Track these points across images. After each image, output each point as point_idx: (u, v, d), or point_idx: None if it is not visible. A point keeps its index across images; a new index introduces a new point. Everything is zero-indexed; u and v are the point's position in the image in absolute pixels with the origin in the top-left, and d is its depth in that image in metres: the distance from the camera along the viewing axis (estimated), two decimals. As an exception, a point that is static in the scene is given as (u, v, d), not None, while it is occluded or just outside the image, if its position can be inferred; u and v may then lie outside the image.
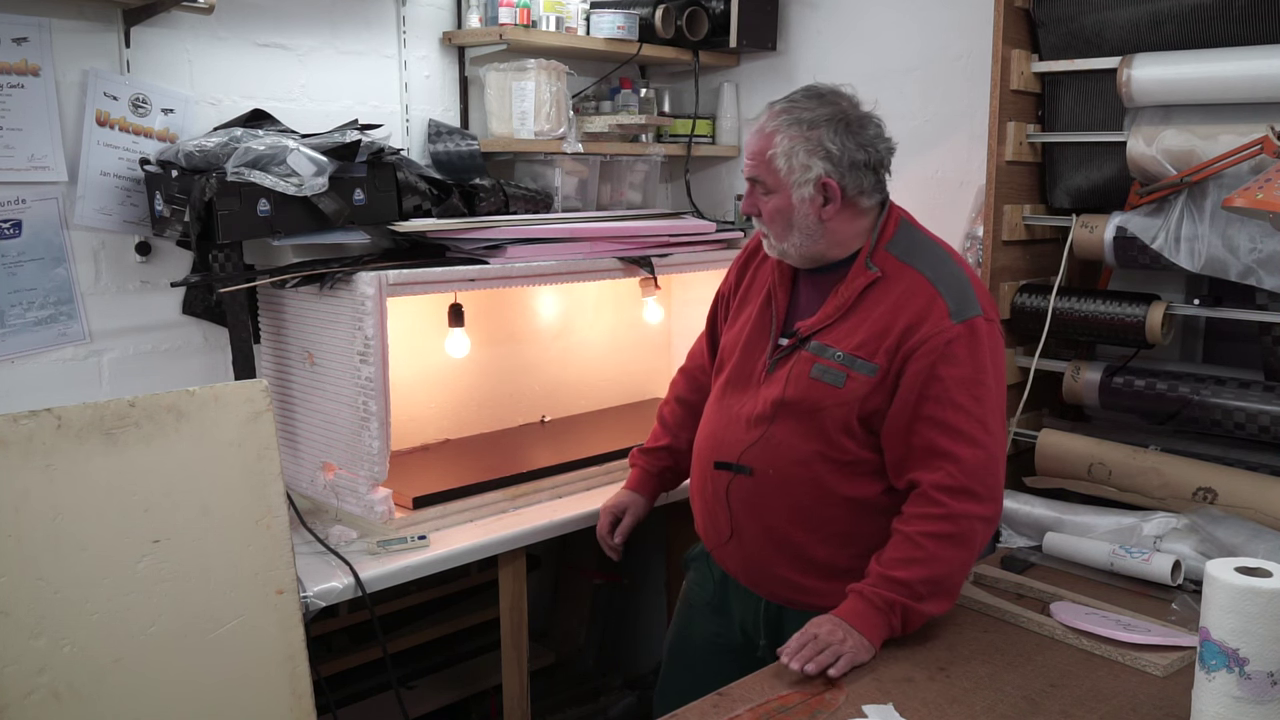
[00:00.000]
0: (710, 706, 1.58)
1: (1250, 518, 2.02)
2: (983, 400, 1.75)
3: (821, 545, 1.86)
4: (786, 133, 1.79)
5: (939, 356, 1.73)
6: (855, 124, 1.80)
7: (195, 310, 2.48)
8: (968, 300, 1.78)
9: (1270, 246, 2.00)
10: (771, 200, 1.83)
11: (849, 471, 1.83)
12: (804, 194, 1.80)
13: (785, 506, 1.87)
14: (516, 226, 2.56)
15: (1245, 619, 1.35)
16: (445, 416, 2.85)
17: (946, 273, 1.81)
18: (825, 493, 1.84)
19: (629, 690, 3.28)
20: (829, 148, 1.78)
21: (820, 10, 3.10)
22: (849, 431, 1.81)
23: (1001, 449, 1.81)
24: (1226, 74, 2.04)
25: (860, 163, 1.79)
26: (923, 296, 1.77)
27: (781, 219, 1.83)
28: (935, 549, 1.73)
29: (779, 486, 1.86)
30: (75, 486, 1.74)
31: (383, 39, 2.75)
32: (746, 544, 1.93)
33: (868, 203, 1.84)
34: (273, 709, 1.90)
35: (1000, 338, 1.83)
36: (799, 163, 1.78)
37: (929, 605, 1.74)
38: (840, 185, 1.79)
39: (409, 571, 2.18)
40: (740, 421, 1.92)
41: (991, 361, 1.78)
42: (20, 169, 2.19)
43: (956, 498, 1.73)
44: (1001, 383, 1.81)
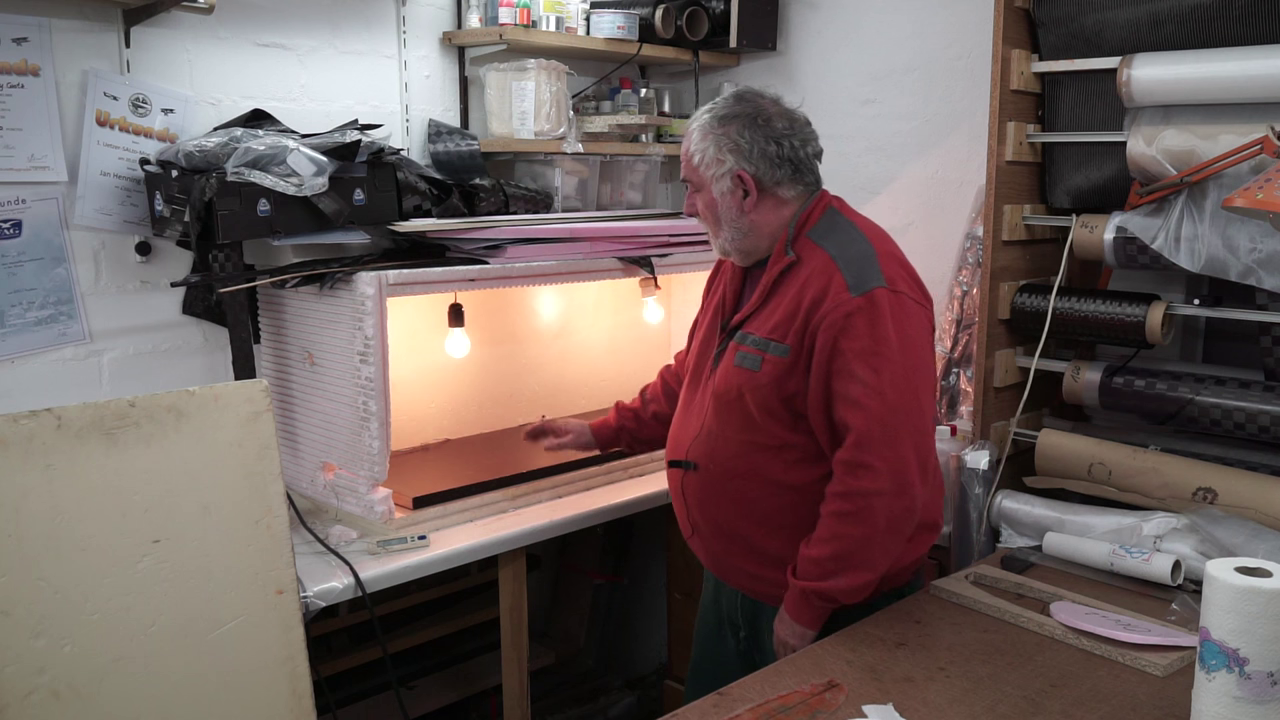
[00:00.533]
0: (710, 706, 1.58)
1: (1250, 518, 2.02)
2: (881, 371, 1.74)
3: (770, 537, 1.89)
4: (702, 131, 1.89)
5: (839, 330, 1.76)
6: (765, 120, 1.86)
7: (195, 310, 2.48)
8: (869, 273, 1.78)
9: (1270, 246, 2.00)
10: (700, 198, 1.93)
11: (784, 458, 1.86)
12: (723, 188, 1.88)
13: (731, 499, 1.92)
14: (516, 226, 2.55)
15: (1245, 619, 1.35)
16: (445, 416, 2.85)
17: (852, 249, 1.83)
18: (765, 483, 1.88)
19: (629, 690, 3.28)
20: (738, 141, 1.85)
21: (820, 10, 3.10)
22: (773, 415, 1.84)
23: (908, 421, 1.77)
24: (1226, 74, 2.04)
25: (773, 155, 1.86)
26: (825, 274, 1.80)
27: (711, 215, 1.92)
28: (836, 527, 1.77)
29: (722, 479, 1.92)
30: (75, 486, 1.73)
31: (383, 39, 2.75)
32: (706, 538, 1.99)
33: (788, 193, 1.89)
34: (273, 709, 1.90)
35: (912, 306, 1.81)
36: (713, 157, 1.87)
37: (837, 581, 1.77)
38: (755, 177, 1.86)
39: (409, 571, 2.18)
40: (689, 419, 1.99)
41: (896, 332, 1.76)
42: (20, 169, 2.19)
43: (852, 473, 1.76)
44: (913, 352, 1.79)
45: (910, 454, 1.77)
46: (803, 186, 1.90)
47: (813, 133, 1.93)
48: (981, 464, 2.29)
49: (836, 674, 1.66)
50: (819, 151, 1.93)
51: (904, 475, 1.76)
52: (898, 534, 1.80)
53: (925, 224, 2.94)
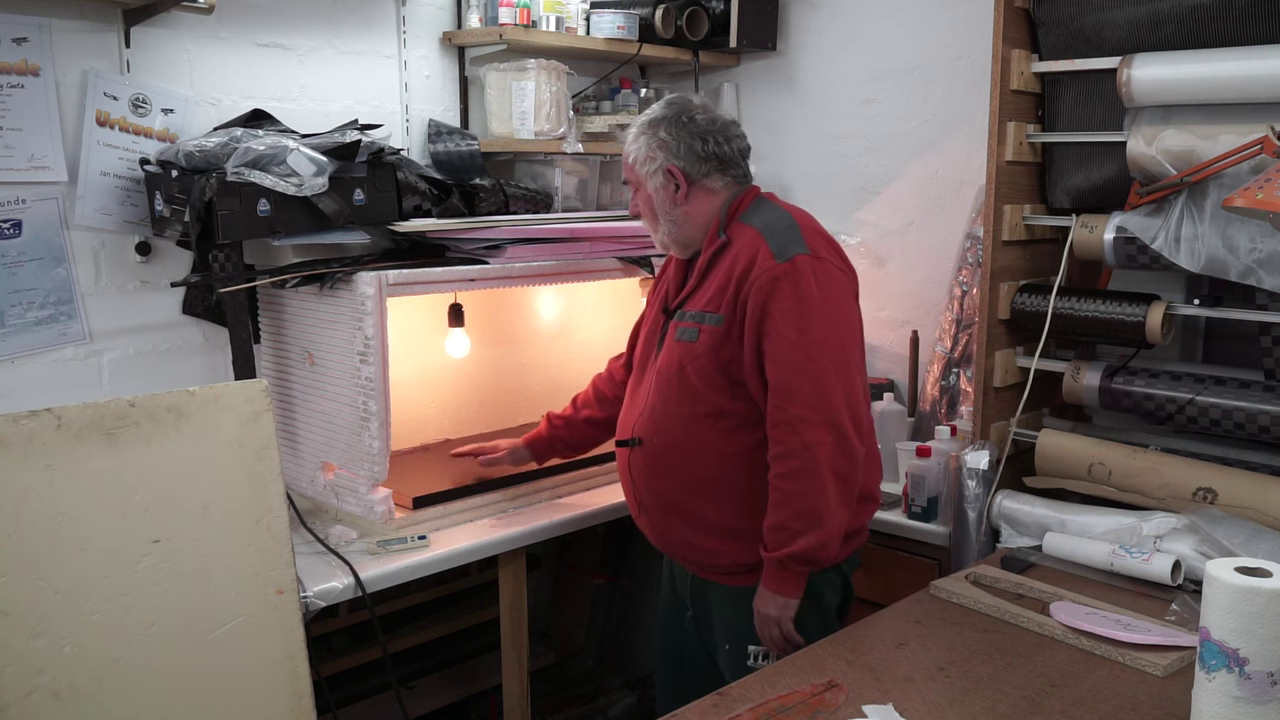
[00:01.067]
0: (710, 706, 1.58)
1: (1250, 518, 2.02)
2: (806, 330, 1.86)
3: (708, 505, 1.99)
4: (635, 134, 2.06)
5: (766, 295, 1.87)
6: (690, 119, 2.02)
7: (195, 310, 2.48)
8: (792, 242, 1.91)
9: (1270, 246, 2.00)
10: (639, 197, 2.09)
11: (722, 426, 1.96)
12: (657, 183, 2.04)
13: (671, 470, 2.02)
14: (516, 226, 2.55)
15: (1245, 619, 1.35)
16: (445, 416, 2.85)
17: (775, 222, 1.96)
18: (704, 451, 1.98)
19: (629, 690, 3.28)
20: (664, 138, 2.01)
21: (820, 10, 3.10)
22: (711, 383, 1.95)
23: (836, 373, 1.87)
24: (1226, 74, 2.04)
25: (698, 151, 2.01)
26: (752, 246, 1.94)
27: (649, 211, 2.08)
28: (787, 488, 1.86)
29: (664, 452, 2.02)
30: (75, 486, 1.73)
31: (383, 39, 2.75)
32: (651, 513, 2.09)
33: (716, 185, 2.04)
34: (273, 709, 1.90)
35: (834, 271, 1.93)
36: (645, 156, 2.04)
37: (807, 538, 1.85)
38: (683, 171, 2.01)
39: (409, 571, 2.18)
40: (635, 401, 2.12)
41: (819, 292, 1.88)
42: (20, 169, 2.19)
43: (790, 430, 1.85)
44: (837, 313, 1.91)
45: (841, 404, 1.87)
46: (730, 178, 2.05)
47: (738, 132, 2.07)
48: (981, 464, 2.29)
49: (836, 674, 1.66)
50: (745, 149, 2.07)
51: (838, 424, 1.86)
52: (846, 482, 1.89)
53: (925, 224, 2.94)
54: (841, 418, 1.86)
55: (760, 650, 2.00)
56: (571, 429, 2.44)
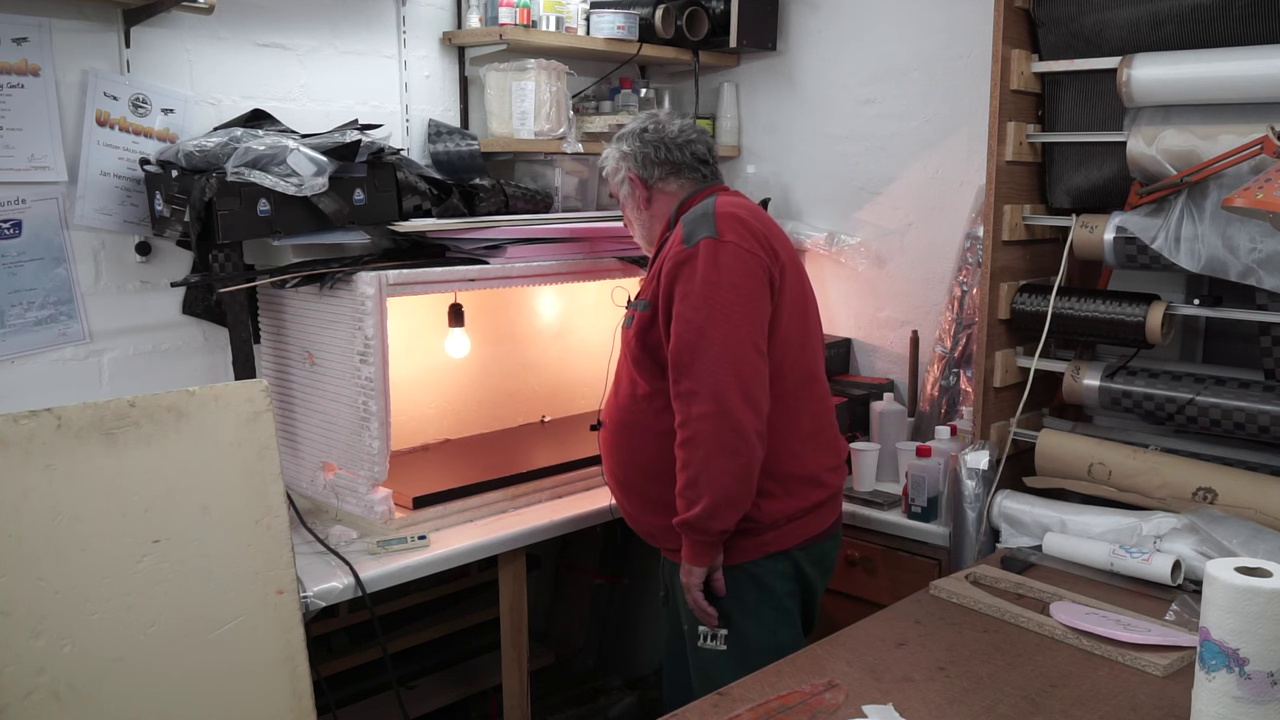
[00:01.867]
0: (710, 706, 1.58)
1: (1250, 518, 2.01)
2: (699, 307, 1.93)
3: (650, 482, 2.08)
4: (604, 155, 2.25)
5: (673, 278, 1.98)
6: (647, 131, 2.19)
7: (195, 310, 2.48)
8: (702, 227, 1.99)
9: (1270, 246, 2.00)
10: (620, 207, 2.28)
11: (654, 405, 2.05)
12: (625, 191, 2.23)
13: (618, 448, 2.15)
14: (516, 226, 2.56)
15: (1245, 619, 1.35)
16: (445, 416, 2.85)
17: (698, 213, 2.05)
18: (643, 431, 2.08)
19: (629, 690, 3.28)
20: (625, 150, 2.20)
21: (820, 10, 3.10)
22: (641, 365, 2.07)
23: (724, 347, 1.92)
24: (1226, 74, 2.04)
25: (652, 159, 2.17)
26: (674, 236, 2.05)
27: (627, 219, 2.28)
28: (683, 455, 1.95)
29: (614, 432, 2.16)
30: (75, 486, 1.73)
31: (383, 39, 2.75)
32: (616, 491, 2.22)
33: (672, 188, 2.18)
34: (273, 709, 1.90)
35: (734, 251, 1.96)
36: (613, 167, 2.23)
37: (697, 507, 1.93)
38: (641, 178, 2.18)
39: (409, 571, 2.18)
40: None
41: (716, 273, 1.94)
42: (20, 169, 2.19)
43: (684, 402, 1.95)
44: (733, 293, 1.94)
45: (728, 379, 1.92)
46: (685, 180, 2.18)
47: (694, 137, 2.19)
48: (981, 464, 2.29)
49: (836, 674, 1.66)
50: (700, 153, 2.19)
51: (724, 398, 1.91)
52: (733, 455, 1.92)
53: (925, 224, 2.94)
54: (726, 392, 1.91)
55: (709, 631, 2.06)
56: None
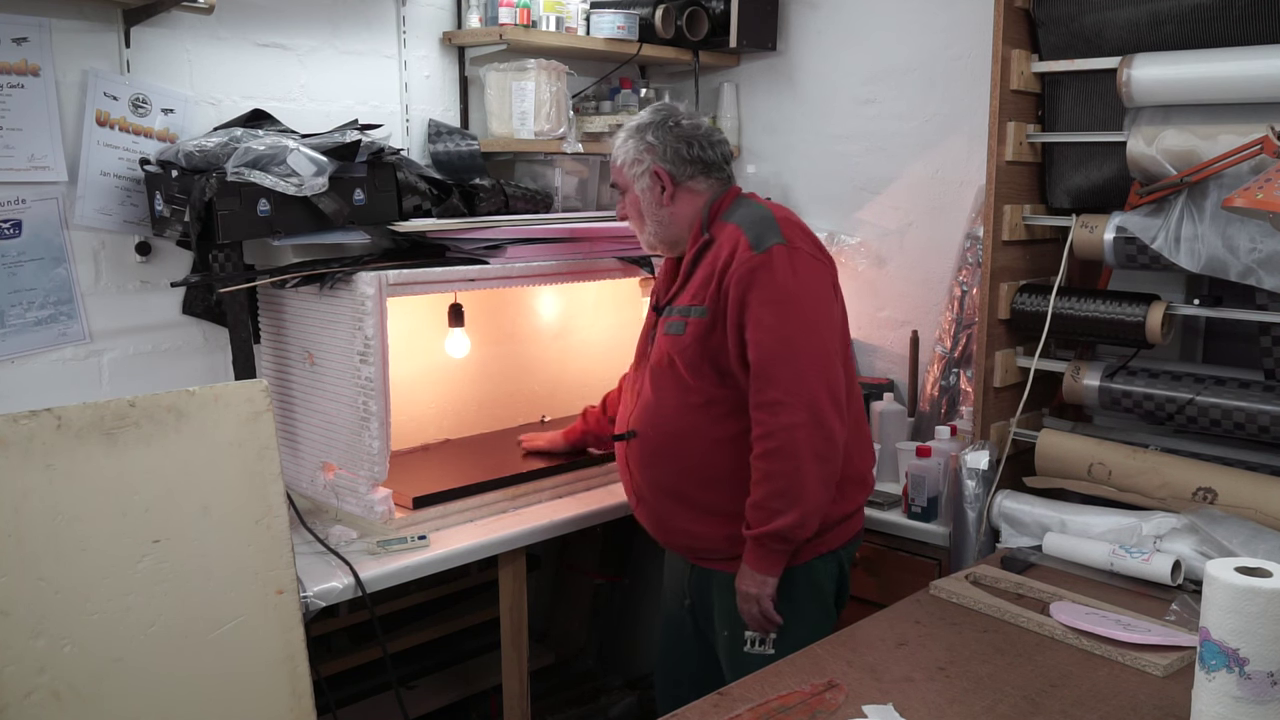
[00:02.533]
0: (710, 706, 1.58)
1: (1250, 518, 2.01)
2: (784, 317, 1.93)
3: (704, 489, 2.05)
4: (623, 139, 2.15)
5: (746, 285, 1.95)
6: (676, 124, 2.11)
7: (195, 310, 2.48)
8: (768, 233, 1.98)
9: (1270, 246, 2.00)
10: (626, 199, 2.17)
11: (712, 413, 2.03)
12: (644, 185, 2.12)
13: (666, 458, 2.09)
14: (516, 226, 2.55)
15: (1245, 619, 1.35)
16: (445, 416, 2.85)
17: (754, 216, 2.04)
18: (695, 438, 2.05)
19: (629, 690, 3.28)
20: (651, 142, 2.10)
21: (820, 10, 3.10)
22: (699, 373, 2.02)
23: (809, 357, 1.94)
24: (1226, 74, 2.04)
25: (683, 155, 2.10)
26: (732, 240, 2.01)
27: (635, 212, 2.17)
28: (766, 467, 1.93)
29: (658, 441, 2.10)
30: (75, 486, 1.73)
31: (383, 39, 2.75)
32: (649, 502, 2.15)
33: (700, 186, 2.12)
34: (273, 709, 1.90)
35: (808, 261, 1.99)
36: (633, 158, 2.12)
37: (785, 517, 1.91)
38: (670, 173, 2.10)
39: (409, 571, 2.18)
40: (630, 397, 2.21)
41: (794, 281, 1.95)
42: (20, 169, 2.19)
43: (769, 411, 1.92)
44: (810, 297, 1.97)
45: (819, 388, 1.93)
46: (713, 180, 2.13)
47: (721, 137, 2.15)
48: (981, 464, 2.29)
49: (836, 674, 1.66)
50: (727, 153, 2.16)
51: (816, 407, 1.92)
52: (825, 463, 1.94)
53: (925, 224, 2.94)
54: (818, 400, 1.92)
55: (756, 636, 2.04)
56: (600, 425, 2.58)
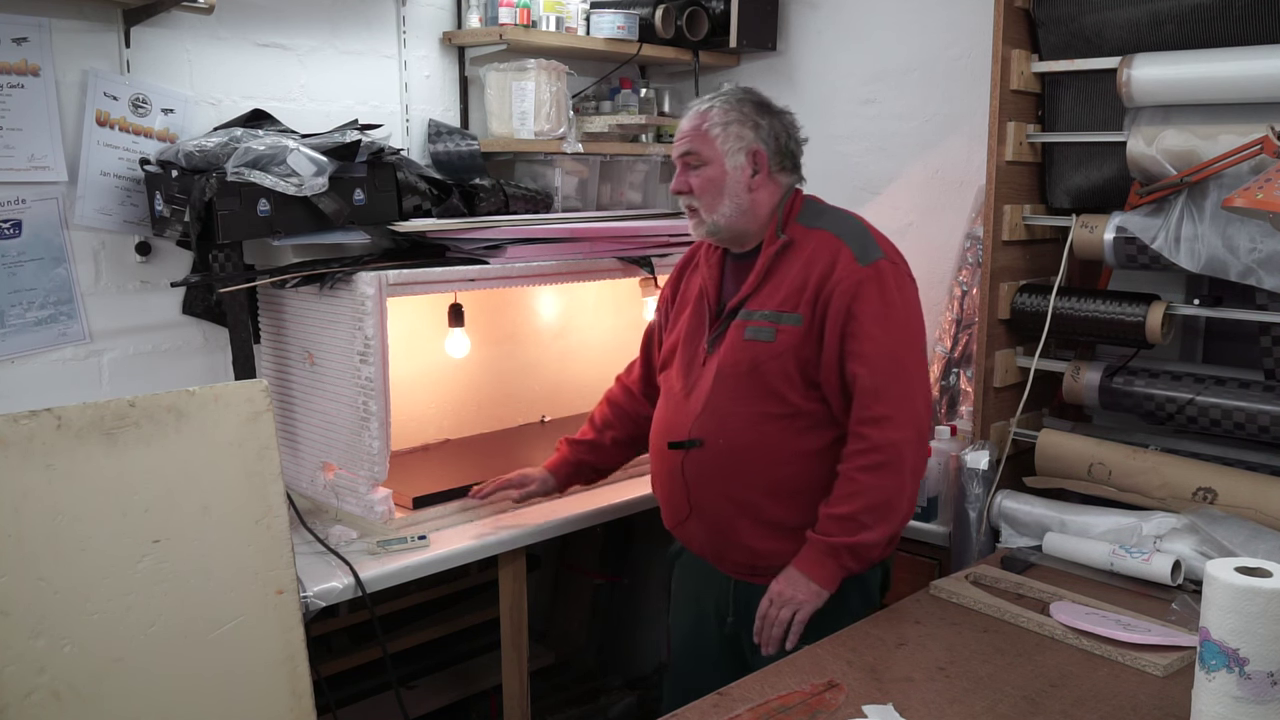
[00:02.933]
0: (710, 706, 1.58)
1: (1250, 518, 2.01)
2: (891, 332, 1.90)
3: (778, 504, 1.96)
4: (721, 108, 2.00)
5: (851, 297, 1.89)
6: (776, 110, 2.05)
7: (195, 310, 2.48)
8: (870, 246, 1.95)
9: (1270, 246, 2.00)
10: (705, 171, 2.00)
11: (795, 425, 1.94)
12: (737, 161, 1.99)
13: (738, 471, 1.97)
14: (516, 226, 2.55)
15: (1245, 619, 1.35)
16: (445, 416, 2.85)
17: (849, 226, 1.99)
18: (775, 450, 1.95)
19: (629, 690, 3.28)
20: (758, 121, 2.00)
21: (820, 10, 3.10)
22: (789, 382, 1.93)
23: (916, 374, 1.93)
24: (1226, 74, 2.04)
25: (781, 142, 2.02)
26: (830, 248, 1.94)
27: (714, 188, 2.00)
28: (867, 480, 1.87)
29: (729, 452, 1.97)
30: (75, 486, 1.73)
31: (383, 39, 2.75)
32: (706, 516, 2.03)
33: (785, 180, 2.05)
34: (273, 709, 1.90)
35: (907, 276, 1.98)
36: (734, 132, 1.99)
37: (874, 532, 1.86)
38: (767, 157, 2.00)
39: (409, 571, 2.18)
40: (688, 401, 2.04)
41: (900, 297, 1.93)
42: (20, 169, 2.19)
43: (876, 427, 1.87)
44: (914, 317, 1.96)
45: (923, 406, 1.93)
46: (794, 177, 2.06)
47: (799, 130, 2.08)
48: (981, 464, 2.29)
49: (836, 674, 1.66)
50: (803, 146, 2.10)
51: (921, 425, 1.91)
52: (917, 479, 1.94)
53: (925, 224, 2.94)
54: (923, 418, 1.92)
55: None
56: (599, 452, 2.37)
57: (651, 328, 2.34)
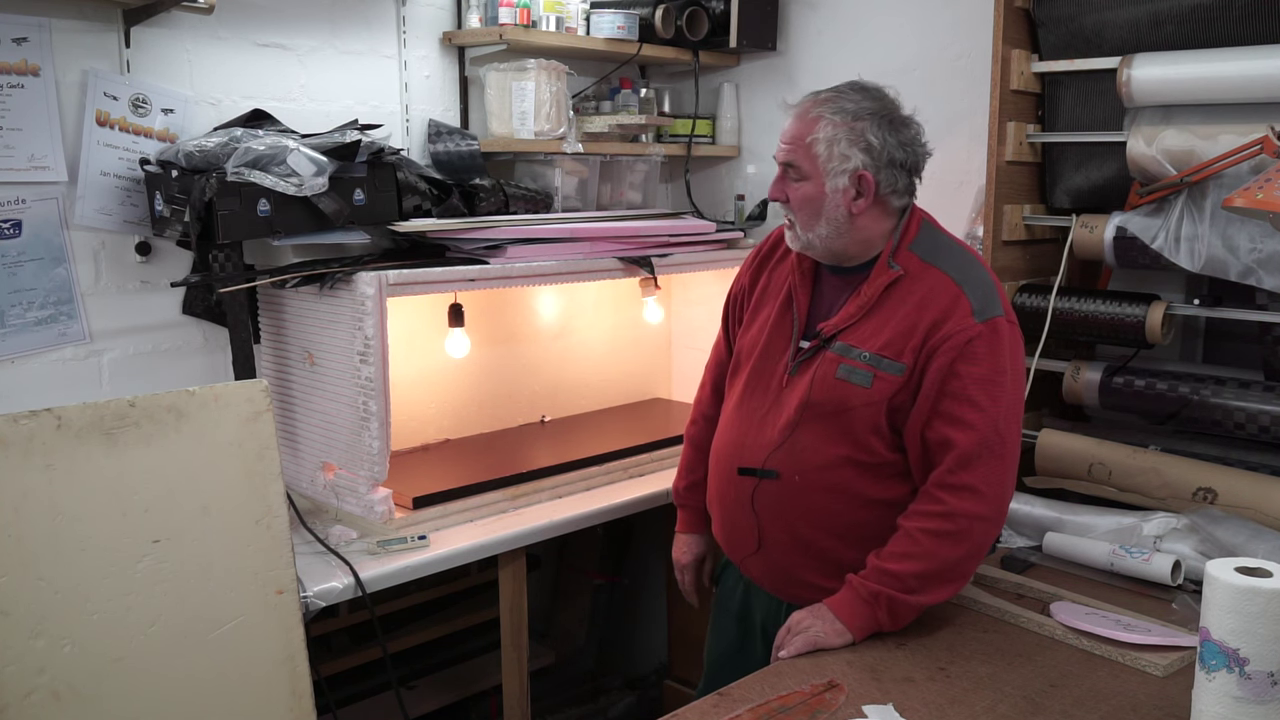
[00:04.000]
0: (710, 706, 1.58)
1: (1250, 518, 2.01)
2: (998, 400, 1.74)
3: (850, 549, 1.83)
4: (831, 119, 1.79)
5: (959, 354, 1.73)
6: (898, 122, 1.81)
7: (195, 310, 2.48)
8: (992, 301, 1.78)
9: (1270, 246, 2.00)
10: (803, 187, 1.81)
11: (877, 474, 1.82)
12: (838, 184, 1.79)
13: (812, 511, 1.85)
14: (516, 226, 2.56)
15: (1245, 619, 1.35)
16: (445, 416, 2.85)
17: (972, 274, 1.81)
18: (853, 496, 1.83)
19: (629, 690, 3.28)
20: (870, 140, 1.78)
21: (820, 10, 3.10)
22: (878, 432, 1.80)
23: (1013, 452, 1.78)
24: (1226, 74, 2.04)
25: (898, 162, 1.79)
26: (947, 295, 1.77)
27: (810, 207, 1.81)
28: (931, 545, 1.73)
29: (805, 490, 1.84)
30: (75, 486, 1.73)
31: (383, 39, 2.75)
32: (773, 551, 1.90)
33: (897, 203, 1.83)
34: (273, 709, 1.90)
35: (1021, 342, 1.83)
36: (839, 151, 1.78)
37: (920, 597, 1.75)
38: (875, 180, 1.78)
39: (409, 571, 2.18)
40: (764, 426, 1.89)
41: (1011, 364, 1.77)
42: (20, 169, 2.19)
43: (957, 495, 1.73)
44: (1020, 385, 1.80)
45: (1010, 485, 1.79)
46: (910, 198, 1.86)
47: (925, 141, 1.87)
48: (981, 464, 2.28)
49: (836, 674, 1.66)
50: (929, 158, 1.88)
51: (1004, 502, 1.78)
52: (981, 558, 1.81)
53: (925, 224, 2.93)
54: (1007, 494, 1.78)
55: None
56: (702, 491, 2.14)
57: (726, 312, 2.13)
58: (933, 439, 1.76)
